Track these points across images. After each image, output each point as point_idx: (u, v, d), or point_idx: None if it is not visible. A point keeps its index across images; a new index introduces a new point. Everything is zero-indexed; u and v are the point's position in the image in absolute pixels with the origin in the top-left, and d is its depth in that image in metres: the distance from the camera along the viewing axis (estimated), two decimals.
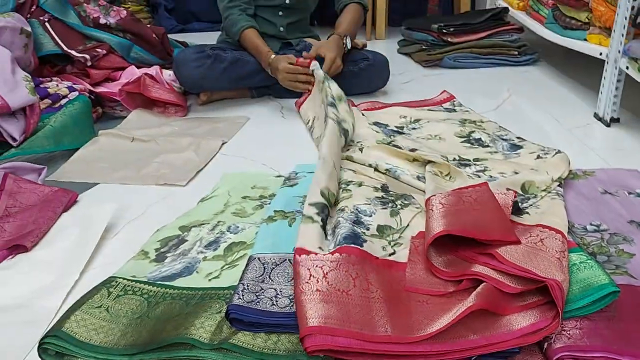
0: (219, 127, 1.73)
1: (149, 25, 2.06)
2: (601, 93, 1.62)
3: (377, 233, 0.97)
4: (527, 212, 1.02)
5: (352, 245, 0.87)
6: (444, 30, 2.31)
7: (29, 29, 1.63)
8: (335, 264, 0.82)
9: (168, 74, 1.92)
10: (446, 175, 1.17)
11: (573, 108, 1.77)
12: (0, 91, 1.35)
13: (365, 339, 0.72)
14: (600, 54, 1.62)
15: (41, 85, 1.58)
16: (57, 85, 1.62)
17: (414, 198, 1.12)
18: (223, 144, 1.59)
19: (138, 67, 1.93)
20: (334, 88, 1.55)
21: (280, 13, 1.95)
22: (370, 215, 1.02)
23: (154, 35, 2.00)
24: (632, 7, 1.45)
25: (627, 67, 1.48)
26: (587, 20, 1.76)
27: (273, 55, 1.78)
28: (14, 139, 1.39)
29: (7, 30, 1.51)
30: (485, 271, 0.82)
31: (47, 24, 1.83)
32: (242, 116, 1.81)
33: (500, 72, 2.22)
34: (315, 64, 1.70)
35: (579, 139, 1.52)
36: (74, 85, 1.67)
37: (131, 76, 1.87)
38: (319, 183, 1.05)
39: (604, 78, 1.60)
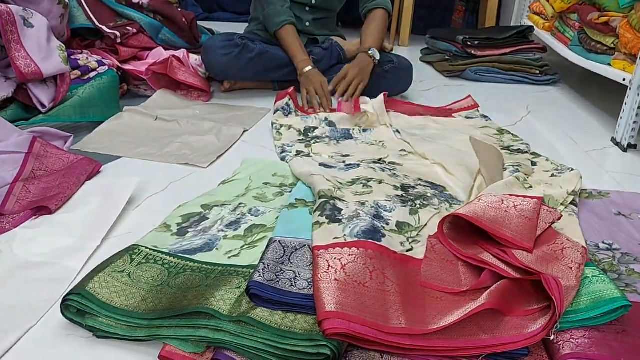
0: (240, 115, 1.75)
1: (179, 10, 2.09)
2: (620, 118, 1.64)
3: (395, 229, 0.99)
4: None
5: (370, 241, 0.89)
6: (469, 43, 2.34)
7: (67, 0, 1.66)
8: (353, 257, 0.84)
9: (194, 59, 1.95)
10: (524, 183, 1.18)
11: (591, 131, 1.78)
12: (35, 58, 1.38)
13: (379, 329, 0.74)
14: (624, 79, 1.63)
15: (72, 57, 1.60)
16: (88, 58, 1.65)
17: (432, 200, 1.14)
18: (244, 131, 1.61)
19: (165, 49, 1.96)
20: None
21: (307, 9, 1.97)
22: (390, 211, 1.04)
23: (183, 20, 2.03)
24: None
25: None
26: (612, 46, 1.78)
27: (309, 67, 1.81)
28: (43, 106, 1.42)
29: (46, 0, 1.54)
30: (492, 260, 0.85)
31: None
32: (263, 107, 1.84)
33: (520, 90, 2.24)
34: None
35: (594, 162, 1.54)
36: (103, 60, 1.69)
37: (158, 57, 1.89)
38: (315, 188, 1.08)
39: (625, 104, 1.62)
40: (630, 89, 1.60)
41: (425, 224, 1.03)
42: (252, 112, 1.78)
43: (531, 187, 1.18)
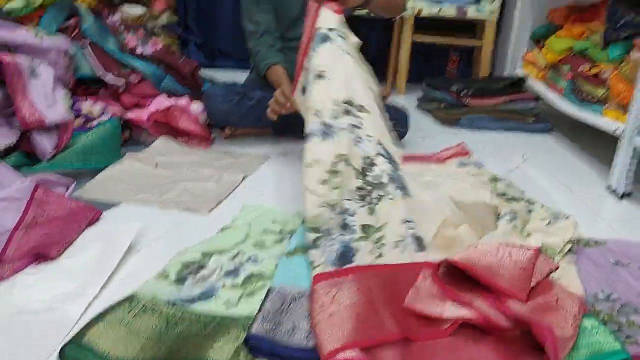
0: (240, 162, 1.77)
1: (182, 58, 2.14)
2: (615, 167, 1.67)
3: (363, 235, 1.08)
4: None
5: (346, 267, 0.98)
6: (463, 92, 2.39)
7: (72, 51, 1.71)
8: (338, 287, 0.91)
9: (195, 106, 1.99)
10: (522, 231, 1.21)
11: (586, 179, 1.81)
12: (40, 107, 1.41)
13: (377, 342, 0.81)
14: (615, 130, 1.67)
15: (76, 104, 1.64)
16: (91, 105, 1.68)
17: (387, 187, 1.19)
18: (244, 178, 1.63)
19: (168, 97, 2.00)
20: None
21: None
22: (353, 215, 1.11)
23: (186, 68, 2.08)
24: None
25: None
26: (604, 96, 1.83)
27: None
28: (46, 153, 1.44)
29: (54, 50, 1.59)
30: (484, 307, 0.86)
31: (87, 48, 1.91)
32: (262, 154, 1.86)
33: (515, 138, 2.28)
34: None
35: (590, 209, 1.55)
36: (106, 108, 1.73)
37: (160, 104, 1.93)
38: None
39: (618, 154, 1.65)
40: (622, 139, 1.63)
41: (385, 223, 1.11)
42: (252, 159, 1.81)
43: (529, 234, 1.19)
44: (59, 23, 1.90)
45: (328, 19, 1.47)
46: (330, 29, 1.44)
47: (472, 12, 2.86)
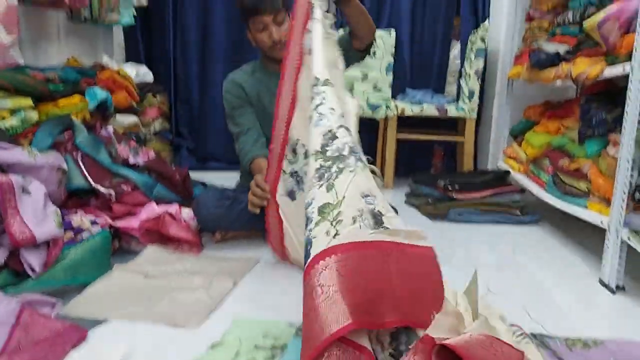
0: (230, 267, 1.76)
1: (174, 167, 2.19)
2: (604, 260, 1.67)
3: (319, 217, 1.06)
4: None
5: (308, 261, 1.00)
6: (449, 187, 2.44)
7: (66, 167, 1.75)
8: (317, 277, 0.96)
9: (186, 212, 2.00)
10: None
11: (577, 272, 1.81)
12: (30, 224, 1.41)
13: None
14: (602, 222, 1.70)
15: (66, 217, 1.65)
16: (81, 218, 1.69)
17: (348, 159, 1.18)
18: (234, 284, 1.61)
19: (158, 204, 2.02)
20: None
21: None
22: (311, 203, 1.10)
23: (177, 176, 2.12)
24: (630, 184, 1.56)
25: (629, 238, 1.55)
26: (586, 190, 1.87)
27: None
28: (34, 271, 1.42)
29: (46, 167, 1.62)
30: None
31: (79, 160, 1.95)
32: (253, 257, 1.85)
33: (503, 230, 2.30)
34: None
35: (585, 306, 1.54)
36: (96, 220, 1.73)
37: (151, 212, 1.94)
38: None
39: (607, 246, 1.66)
40: (609, 232, 1.65)
41: (344, 197, 1.09)
42: (243, 263, 1.80)
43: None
44: (53, 137, 1.96)
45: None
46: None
47: (452, 111, 2.99)
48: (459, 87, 3.27)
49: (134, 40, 3.51)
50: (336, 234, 1.02)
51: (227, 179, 2.69)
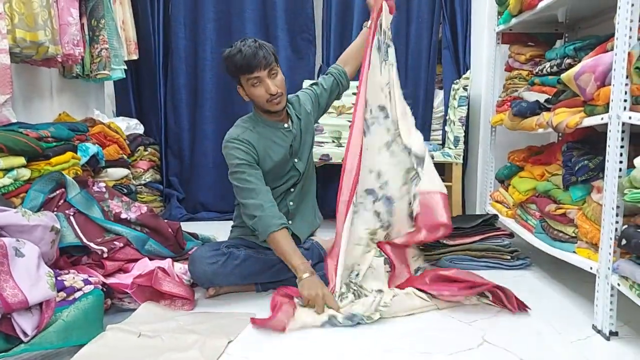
0: (224, 324, 1.75)
1: (166, 221, 2.20)
2: (596, 306, 1.69)
3: None
4: None
5: None
6: None
7: (59, 226, 1.75)
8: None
9: (179, 267, 2.00)
10: None
11: (571, 318, 1.81)
12: (23, 287, 1.40)
13: None
14: (591, 268, 1.72)
15: (58, 278, 1.63)
16: (74, 277, 1.68)
17: None
18: (229, 342, 1.59)
19: (150, 259, 2.02)
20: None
21: (292, 190, 2.13)
22: None
23: (169, 230, 2.13)
24: (616, 229, 1.59)
25: (619, 284, 1.57)
26: (574, 235, 1.91)
27: (307, 275, 1.81)
28: (25, 334, 1.40)
29: (39, 228, 1.62)
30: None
31: (71, 217, 1.96)
32: (247, 312, 1.84)
33: (494, 275, 2.30)
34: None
35: (581, 353, 1.54)
36: (89, 278, 1.72)
37: (144, 268, 1.94)
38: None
39: (597, 292, 1.68)
40: (598, 277, 1.68)
41: None
42: (236, 320, 1.78)
43: None
44: (45, 195, 1.97)
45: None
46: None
47: (438, 157, 3.06)
48: (444, 133, 3.34)
49: (125, 93, 3.56)
50: None
51: (219, 230, 2.69)
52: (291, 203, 2.11)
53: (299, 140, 2.09)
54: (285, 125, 2.07)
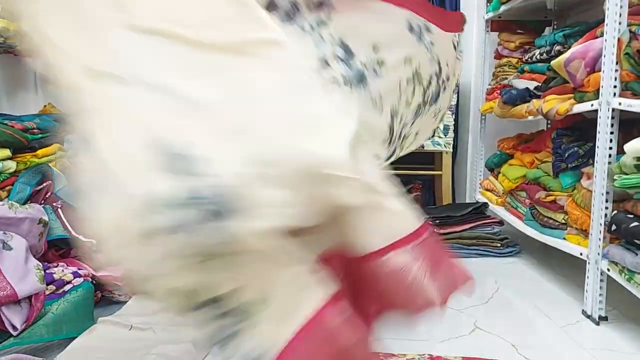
0: None
1: None
2: (586, 291, 1.71)
3: None
4: None
5: None
6: (430, 223, 2.47)
7: (47, 218, 1.72)
8: None
9: None
10: None
11: (561, 303, 1.83)
12: (12, 280, 1.38)
13: None
14: (581, 254, 1.74)
15: (47, 271, 1.61)
16: (63, 270, 1.66)
17: None
18: None
19: None
20: None
21: None
22: None
23: None
24: (605, 215, 1.61)
25: (609, 269, 1.59)
26: (564, 221, 1.92)
27: None
28: (15, 328, 1.38)
29: (27, 220, 1.59)
30: None
31: (59, 210, 1.93)
32: None
33: (485, 263, 2.33)
34: None
35: (571, 338, 1.56)
36: (78, 271, 1.70)
37: None
38: None
39: (587, 277, 1.70)
40: (588, 263, 1.69)
41: None
42: None
43: None
44: (32, 187, 1.94)
45: None
46: None
47: (428, 146, 3.05)
48: None
49: None
50: None
51: None
52: None
53: None
54: None
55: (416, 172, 3.23)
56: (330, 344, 0.72)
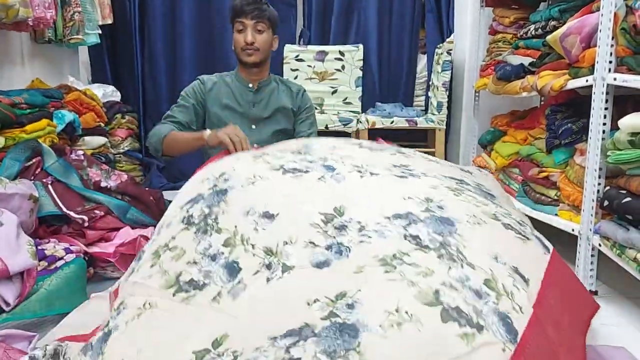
0: None
1: (147, 189, 2.16)
2: (577, 267, 1.72)
3: None
4: None
5: None
6: None
7: (37, 194, 1.70)
8: None
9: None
10: None
11: None
12: (3, 256, 1.37)
13: None
14: (573, 230, 1.75)
15: (39, 247, 1.60)
16: (55, 247, 1.64)
17: None
18: None
19: (133, 228, 1.99)
20: None
21: (253, 127, 2.03)
22: None
23: (151, 198, 2.09)
24: (598, 191, 1.61)
25: (600, 245, 1.60)
26: (556, 197, 1.93)
27: (209, 131, 1.74)
28: (7, 304, 1.37)
29: (17, 196, 1.58)
30: None
31: (49, 186, 1.90)
32: None
33: None
34: None
35: None
36: (70, 247, 1.69)
37: (126, 237, 1.91)
38: None
39: (579, 252, 1.71)
40: (580, 238, 1.70)
41: None
42: None
43: None
44: (21, 163, 1.91)
45: None
46: None
47: (422, 122, 3.05)
48: (427, 99, 3.33)
49: (100, 60, 3.45)
50: None
51: None
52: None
53: (262, 108, 2.05)
54: (250, 85, 2.03)
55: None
56: None
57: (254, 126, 2.03)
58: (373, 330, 0.84)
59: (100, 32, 2.96)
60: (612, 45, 1.56)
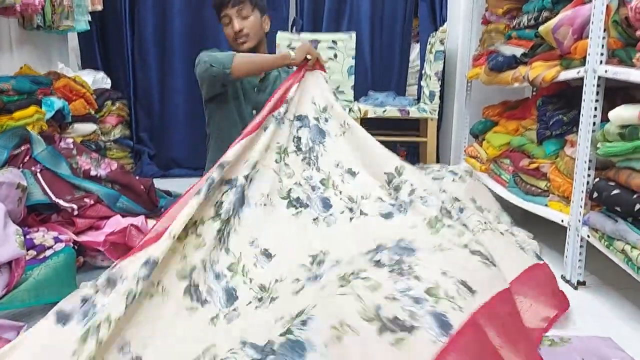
0: None
1: (137, 177, 2.15)
2: (566, 257, 1.74)
3: None
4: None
5: None
6: None
7: (25, 183, 1.69)
8: None
9: (152, 224, 1.96)
10: None
11: None
12: None
13: None
14: (562, 220, 1.76)
15: (28, 236, 1.59)
16: (44, 235, 1.63)
17: None
18: None
19: (123, 217, 1.97)
20: None
21: (256, 90, 2.09)
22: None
23: (141, 187, 2.08)
24: (587, 182, 1.62)
25: (589, 236, 1.61)
26: (546, 188, 1.94)
27: (287, 51, 1.86)
28: None
29: (4, 185, 1.56)
30: None
31: (38, 174, 1.89)
32: None
33: None
34: None
35: None
36: (59, 236, 1.68)
37: (116, 225, 1.90)
38: None
39: (568, 243, 1.73)
40: (569, 229, 1.71)
41: None
42: None
43: None
44: (9, 151, 1.89)
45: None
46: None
47: (414, 112, 3.04)
48: (420, 88, 3.32)
49: (90, 46, 3.41)
50: None
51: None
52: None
53: (268, 95, 2.04)
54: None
55: (401, 139, 3.23)
56: None
57: (254, 112, 2.06)
58: (318, 349, 0.97)
59: (90, 19, 2.92)
60: (603, 38, 1.56)
